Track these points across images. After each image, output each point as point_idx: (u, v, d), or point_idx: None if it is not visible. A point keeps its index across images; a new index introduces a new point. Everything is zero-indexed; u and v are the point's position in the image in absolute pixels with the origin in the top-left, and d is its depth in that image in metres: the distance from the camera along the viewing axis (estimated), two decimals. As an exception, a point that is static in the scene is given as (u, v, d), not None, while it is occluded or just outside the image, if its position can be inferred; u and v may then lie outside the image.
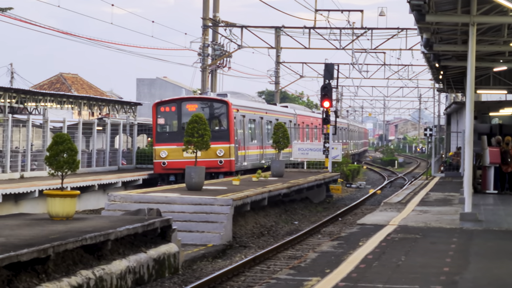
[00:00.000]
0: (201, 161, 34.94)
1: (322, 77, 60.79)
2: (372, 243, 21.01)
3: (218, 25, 68.74)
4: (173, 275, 22.90)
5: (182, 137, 35.47)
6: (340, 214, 41.37)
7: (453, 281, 15.28)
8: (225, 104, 36.85)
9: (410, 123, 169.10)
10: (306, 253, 24.45)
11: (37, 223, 21.97)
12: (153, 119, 39.06)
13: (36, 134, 50.66)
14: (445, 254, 19.08)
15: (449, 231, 23.86)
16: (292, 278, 16.73)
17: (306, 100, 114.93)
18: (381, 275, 16.08)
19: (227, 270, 22.88)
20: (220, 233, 29.25)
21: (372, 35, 72.09)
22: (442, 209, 30.99)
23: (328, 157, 58.12)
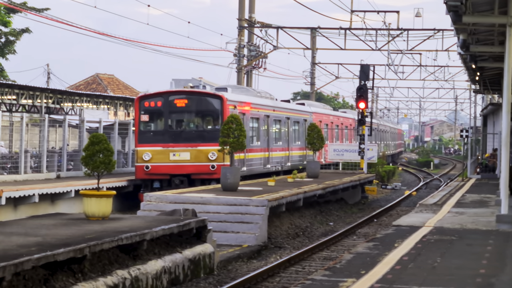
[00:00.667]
0: (191, 165, 33.53)
1: (358, 78, 60.04)
2: (408, 245, 21.12)
3: (253, 26, 68.03)
4: (208, 276, 23.02)
5: (169, 137, 34.23)
6: (376, 216, 41.01)
7: (490, 283, 15.32)
8: (219, 100, 33.75)
9: (446, 125, 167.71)
10: (341, 254, 24.61)
11: (73, 223, 22.15)
12: (135, 116, 35.26)
13: (72, 134, 50.65)
14: (481, 256, 19.13)
15: (485, 233, 23.81)
16: (328, 279, 16.84)
17: (342, 101, 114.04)
18: (417, 276, 16.20)
19: (262, 271, 22.99)
20: (255, 234, 29.12)
21: (408, 36, 70.84)
22: (478, 211, 30.87)
23: (364, 158, 57.87)
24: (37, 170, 42.87)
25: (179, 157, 32.21)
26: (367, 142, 58.96)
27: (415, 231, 24.25)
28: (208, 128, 33.60)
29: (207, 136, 33.56)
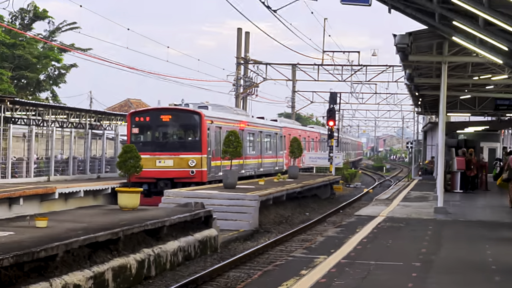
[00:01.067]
0: (174, 171, 31.39)
1: (328, 102, 61.22)
2: (366, 230, 21.17)
3: (248, 62, 68.53)
4: (213, 253, 23.12)
5: (155, 146, 32.22)
6: (341, 208, 40.82)
7: (429, 259, 15.56)
8: (197, 115, 31.51)
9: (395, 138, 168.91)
10: (315, 237, 24.30)
11: (110, 213, 22.55)
12: (127, 129, 32.95)
13: (109, 145, 51.36)
14: (423, 238, 19.31)
15: (426, 221, 23.87)
16: (305, 256, 16.82)
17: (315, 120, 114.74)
18: (374, 254, 16.41)
19: (254, 249, 23.24)
20: (249, 221, 29.13)
21: (367, 71, 70.81)
22: (420, 204, 30.73)
23: (332, 164, 58.85)
24: (82, 172, 43.81)
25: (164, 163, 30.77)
26: (335, 151, 60.30)
27: (372, 219, 24.19)
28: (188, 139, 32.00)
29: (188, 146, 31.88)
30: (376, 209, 28.53)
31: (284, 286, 12.68)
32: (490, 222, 24.05)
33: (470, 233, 20.89)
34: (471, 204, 31.14)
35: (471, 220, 24.61)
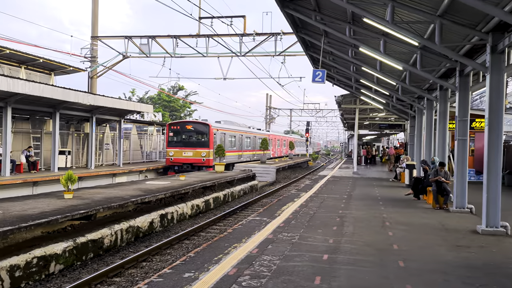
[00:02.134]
0: (193, 158, 27.33)
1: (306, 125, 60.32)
2: (323, 181, 20.86)
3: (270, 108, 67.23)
4: (256, 191, 22.99)
5: (182, 144, 27.70)
6: (311, 172, 38.90)
7: (350, 194, 15.63)
8: (206, 126, 27.51)
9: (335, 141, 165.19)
10: (300, 184, 24.45)
11: (210, 174, 22.27)
12: (166, 133, 28.53)
13: None
14: (347, 185, 19.04)
15: (349, 178, 23.14)
16: (296, 192, 17.38)
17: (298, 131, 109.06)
18: (326, 192, 16.37)
19: (274, 189, 22.91)
20: (272, 177, 28.12)
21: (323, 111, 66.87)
22: (346, 170, 29.82)
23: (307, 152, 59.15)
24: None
25: (187, 154, 26.96)
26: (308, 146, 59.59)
27: (325, 177, 23.76)
28: (202, 140, 27.29)
29: (201, 144, 27.33)
30: (327, 172, 28.20)
31: (286, 206, 12.80)
32: (378, 178, 23.44)
33: (369, 183, 20.36)
34: (369, 170, 30.39)
35: (369, 177, 24.01)
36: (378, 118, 34.43)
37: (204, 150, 27.59)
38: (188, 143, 28.17)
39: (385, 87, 18.85)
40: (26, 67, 24.54)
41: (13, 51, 21.97)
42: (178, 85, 56.75)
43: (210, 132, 28.02)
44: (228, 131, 31.82)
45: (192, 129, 28.54)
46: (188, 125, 28.74)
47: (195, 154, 27.64)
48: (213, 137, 28.14)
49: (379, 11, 10.75)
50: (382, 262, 6.70)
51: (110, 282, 8.01)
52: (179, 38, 26.33)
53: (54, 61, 24.74)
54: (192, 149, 27.79)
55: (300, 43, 16.01)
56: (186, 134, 28.44)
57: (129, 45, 27.25)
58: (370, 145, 46.98)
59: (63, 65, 25.69)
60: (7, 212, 9.14)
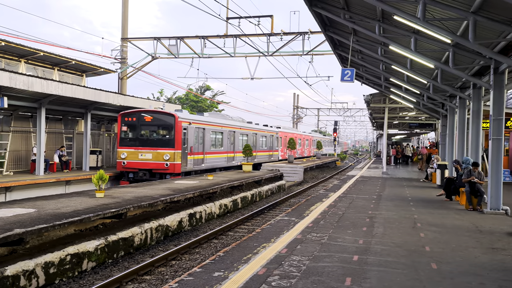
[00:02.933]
0: (152, 163, 20.94)
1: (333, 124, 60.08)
2: (351, 181, 20.83)
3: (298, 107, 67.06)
4: (283, 191, 22.90)
5: (139, 142, 21.34)
6: (340, 172, 38.62)
7: (380, 194, 15.48)
8: (172, 117, 21.51)
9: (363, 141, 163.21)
10: (328, 184, 23.67)
11: (239, 173, 22.21)
12: (118, 127, 22.30)
13: None
14: (376, 185, 18.88)
15: (378, 178, 22.95)
16: (324, 193, 16.94)
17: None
18: (355, 192, 16.28)
19: (302, 189, 22.79)
20: (299, 177, 28.01)
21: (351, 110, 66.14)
22: (375, 170, 29.71)
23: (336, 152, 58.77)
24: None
25: (144, 157, 20.52)
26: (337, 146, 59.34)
27: (353, 177, 23.69)
28: (166, 137, 20.95)
29: (164, 142, 20.91)
30: (355, 172, 28.01)
31: (315, 206, 12.75)
32: (408, 178, 23.03)
33: (399, 183, 20.04)
34: (399, 170, 30.07)
35: (399, 177, 23.65)
36: (408, 117, 33.86)
37: (168, 152, 20.69)
38: (147, 141, 21.41)
39: (416, 85, 18.50)
40: (59, 69, 25.18)
41: (46, 54, 22.58)
42: (206, 85, 57.23)
43: (177, 126, 21.09)
44: (209, 125, 24.34)
45: (153, 121, 21.81)
46: (147, 116, 21.80)
47: (155, 156, 20.85)
48: (183, 133, 21.33)
49: (410, 9, 10.56)
50: (414, 264, 6.58)
51: (141, 280, 8.12)
52: (207, 38, 26.51)
53: (86, 62, 25.31)
54: (151, 150, 21.02)
55: (328, 42, 15.88)
56: (145, 129, 21.79)
57: (157, 46, 27.64)
58: (400, 144, 46.25)
59: (94, 67, 26.26)
60: (42, 210, 9.41)
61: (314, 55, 25.83)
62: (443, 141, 22.24)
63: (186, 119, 21.84)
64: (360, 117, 73.40)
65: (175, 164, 20.67)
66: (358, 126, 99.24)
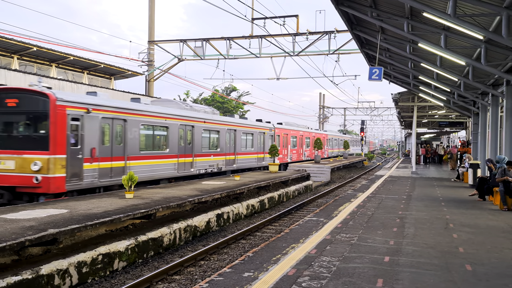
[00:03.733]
0: (12, 175, 11.76)
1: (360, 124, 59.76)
2: (380, 181, 20.72)
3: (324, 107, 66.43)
4: (310, 192, 22.92)
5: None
6: (367, 171, 38.69)
7: (410, 195, 15.34)
8: (45, 99, 11.87)
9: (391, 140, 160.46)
10: (356, 184, 24.11)
11: (265, 174, 21.99)
12: None
13: None
14: (406, 185, 18.72)
15: (407, 178, 22.72)
16: (352, 193, 16.98)
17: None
18: (383, 192, 16.22)
19: (329, 189, 22.80)
20: (326, 177, 27.93)
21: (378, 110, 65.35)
22: (404, 170, 29.51)
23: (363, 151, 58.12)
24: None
25: (4, 165, 11.83)
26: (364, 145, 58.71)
27: (382, 177, 23.54)
28: (35, 133, 12.11)
29: (33, 142, 12.01)
30: (383, 172, 27.89)
31: (343, 206, 12.67)
32: (438, 178, 22.80)
33: (429, 183, 19.87)
34: (428, 169, 29.72)
35: (429, 177, 23.48)
36: (437, 115, 33.29)
37: (39, 157, 12.01)
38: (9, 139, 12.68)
39: (446, 83, 18.14)
40: (88, 72, 25.74)
41: (76, 58, 23.11)
42: (231, 86, 57.45)
43: (52, 113, 12.24)
44: (136, 115, 15.52)
45: (18, 107, 12.71)
46: (11, 98, 12.74)
47: (20, 165, 12.05)
48: (69, 126, 12.59)
49: (439, 5, 10.35)
50: (447, 266, 6.45)
51: (171, 280, 8.21)
52: (232, 39, 26.63)
53: (114, 66, 25.79)
54: (14, 154, 12.24)
55: (355, 41, 15.72)
56: (6, 120, 12.82)
57: (184, 48, 27.91)
58: (429, 143, 45.52)
59: (122, 70, 26.73)
60: (74, 211, 9.62)
61: (340, 54, 25.62)
62: (475, 139, 21.75)
63: (76, 103, 13.00)
64: (388, 116, 72.28)
65: (51, 179, 11.95)
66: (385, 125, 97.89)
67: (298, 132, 34.78)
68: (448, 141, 58.89)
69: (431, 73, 17.58)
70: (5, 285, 6.34)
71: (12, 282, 6.43)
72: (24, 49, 21.08)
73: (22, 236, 7.06)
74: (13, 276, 6.56)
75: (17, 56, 21.89)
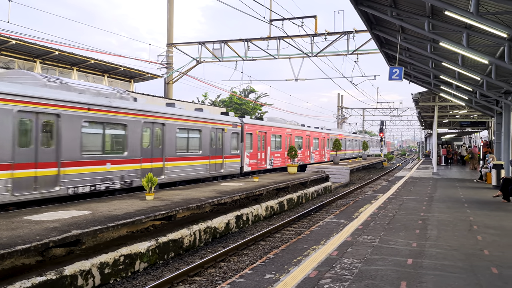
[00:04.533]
0: None
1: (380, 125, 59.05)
2: (400, 182, 20.56)
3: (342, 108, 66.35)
4: (329, 193, 22.84)
5: None
6: (387, 172, 38.58)
7: (431, 196, 15.25)
8: None
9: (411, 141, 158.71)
10: (376, 185, 24.03)
11: (284, 175, 21.96)
12: None
13: None
14: (427, 186, 18.57)
15: (428, 179, 22.56)
16: (373, 194, 16.60)
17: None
18: (404, 193, 16.08)
19: (349, 191, 22.76)
20: (345, 178, 27.64)
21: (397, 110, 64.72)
22: (425, 171, 29.23)
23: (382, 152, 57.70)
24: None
25: None
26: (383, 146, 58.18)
27: (402, 178, 23.43)
28: None
29: None
30: (404, 173, 27.65)
31: (363, 208, 12.62)
32: (460, 179, 22.58)
33: (451, 184, 19.71)
34: (450, 170, 29.52)
35: (451, 178, 23.29)
36: (458, 115, 32.79)
37: None
38: None
39: (467, 82, 17.83)
40: (108, 76, 26.07)
41: (97, 61, 23.42)
42: (250, 87, 57.53)
43: None
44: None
45: None
46: None
47: None
48: None
49: (461, 3, 10.17)
50: (473, 268, 6.33)
51: (191, 281, 8.25)
52: (250, 41, 26.65)
53: (133, 69, 26.05)
54: None
55: (375, 41, 15.57)
56: None
57: (202, 50, 28.03)
58: (450, 144, 44.88)
59: (142, 72, 26.98)
60: (96, 213, 9.74)
61: (359, 54, 25.41)
62: (498, 139, 21.34)
63: None
64: (407, 117, 71.43)
65: None
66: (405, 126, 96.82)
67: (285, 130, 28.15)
68: (469, 142, 58.02)
69: (452, 72, 17.31)
70: (30, 285, 6.44)
71: (37, 283, 6.53)
72: (46, 53, 21.45)
73: (46, 237, 7.18)
74: (38, 276, 6.67)
75: (39, 60, 22.30)
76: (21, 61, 21.81)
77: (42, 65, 22.54)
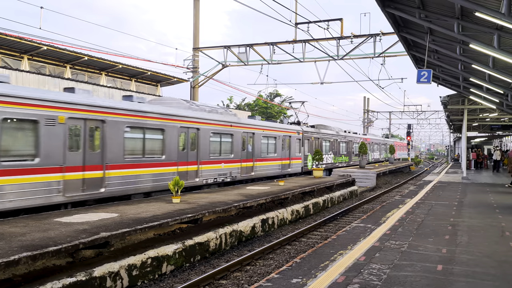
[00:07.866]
0: None
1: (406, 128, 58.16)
2: (428, 187, 20.28)
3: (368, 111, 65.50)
4: (356, 197, 22.74)
5: None
6: (415, 177, 38.03)
7: (461, 201, 15.07)
8: None
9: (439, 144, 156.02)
10: (404, 190, 23.32)
11: (310, 179, 21.92)
12: None
13: None
14: (457, 191, 18.31)
15: (458, 183, 22.26)
16: (400, 199, 16.33)
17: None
18: (433, 198, 15.93)
19: (375, 195, 22.67)
20: (372, 182, 27.78)
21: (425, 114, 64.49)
22: (454, 175, 28.76)
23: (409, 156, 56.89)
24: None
25: None
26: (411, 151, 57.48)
27: (430, 182, 23.06)
28: None
29: None
30: (432, 177, 27.31)
31: (391, 212, 12.43)
32: (491, 184, 22.25)
33: (481, 189, 19.42)
34: (480, 175, 28.98)
35: (481, 182, 22.94)
36: (489, 118, 32.12)
37: None
38: None
39: (498, 85, 17.34)
40: (136, 80, 26.50)
41: (125, 66, 23.85)
42: (275, 91, 57.61)
43: None
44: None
45: None
46: None
47: None
48: None
49: (492, 4, 9.94)
50: (506, 276, 6.15)
51: (218, 284, 8.28)
52: (275, 45, 26.65)
53: (160, 73, 26.42)
54: None
55: (402, 43, 15.36)
56: None
57: (228, 54, 28.16)
58: (480, 147, 43.89)
59: (168, 77, 27.34)
60: (124, 215, 9.89)
61: (386, 57, 25.11)
62: (530, 143, 20.81)
63: None
64: (435, 120, 70.01)
65: None
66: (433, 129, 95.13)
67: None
68: (500, 145, 56.54)
69: (482, 75, 16.91)
70: (61, 286, 6.58)
71: (67, 284, 6.67)
72: (76, 59, 21.99)
73: (76, 239, 7.33)
74: (68, 277, 6.81)
75: (69, 66, 22.85)
76: (52, 66, 22.40)
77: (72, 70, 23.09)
